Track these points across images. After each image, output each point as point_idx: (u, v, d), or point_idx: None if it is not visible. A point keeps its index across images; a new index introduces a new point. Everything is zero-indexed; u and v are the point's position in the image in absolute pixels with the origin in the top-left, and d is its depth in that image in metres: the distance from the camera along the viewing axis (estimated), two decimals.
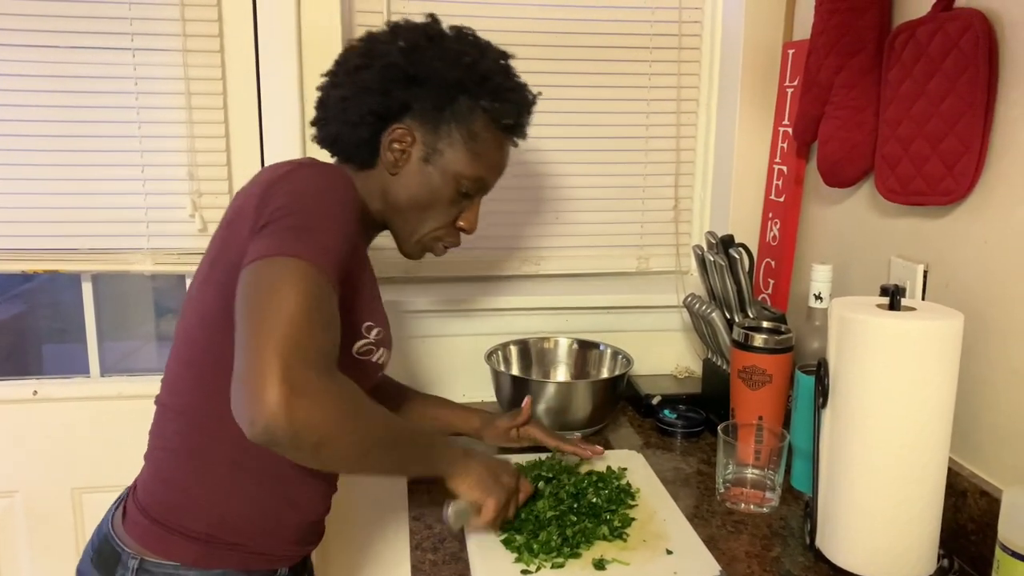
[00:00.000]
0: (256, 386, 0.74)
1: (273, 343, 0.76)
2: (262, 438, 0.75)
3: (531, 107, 1.12)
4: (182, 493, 0.97)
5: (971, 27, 1.00)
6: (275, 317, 0.78)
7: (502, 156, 1.11)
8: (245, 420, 0.75)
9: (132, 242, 1.51)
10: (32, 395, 1.56)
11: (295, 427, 0.75)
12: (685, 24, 1.62)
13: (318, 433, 0.77)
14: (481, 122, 1.05)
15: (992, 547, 0.86)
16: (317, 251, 0.84)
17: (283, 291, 0.80)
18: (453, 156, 1.04)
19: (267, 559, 1.02)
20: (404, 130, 1.03)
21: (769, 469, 1.13)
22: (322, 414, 0.77)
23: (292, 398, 0.74)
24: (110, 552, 0.98)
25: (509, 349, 1.53)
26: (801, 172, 1.49)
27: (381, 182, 1.06)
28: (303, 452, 0.79)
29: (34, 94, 1.44)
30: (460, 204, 1.09)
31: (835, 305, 0.96)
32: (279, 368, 0.75)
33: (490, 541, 1.00)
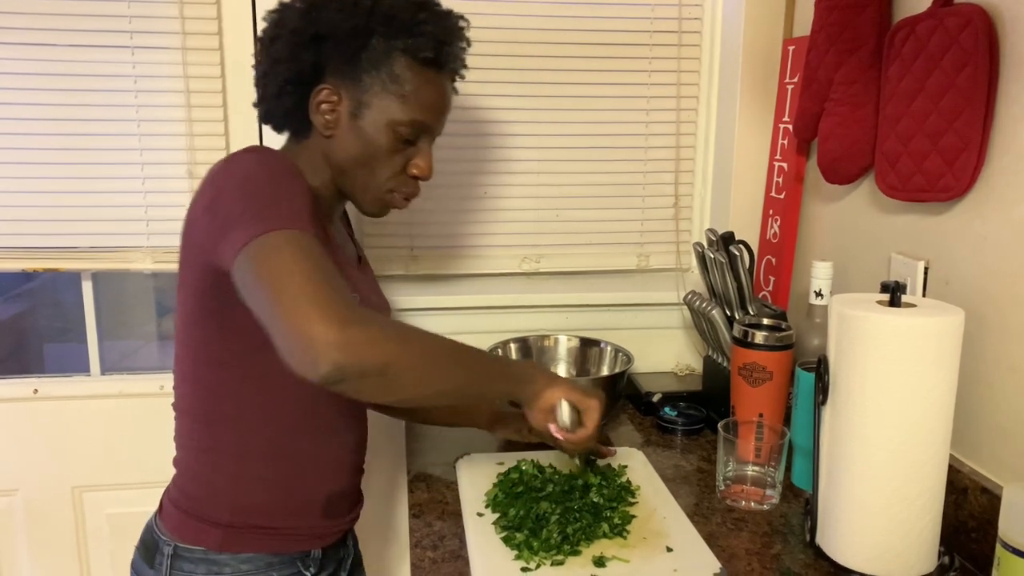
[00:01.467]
0: (305, 336, 0.74)
1: (300, 297, 0.76)
2: (333, 376, 0.75)
3: (455, 34, 1.05)
4: (204, 486, 1.02)
5: (971, 23, 1.00)
6: (289, 280, 0.78)
7: (436, 94, 1.05)
8: (308, 367, 0.75)
9: (132, 240, 1.51)
10: (33, 394, 1.56)
11: (358, 354, 0.75)
12: (685, 21, 1.62)
13: (382, 355, 0.77)
14: (401, 62, 1.01)
15: (992, 544, 0.86)
16: (291, 217, 0.84)
17: (282, 259, 0.80)
18: (381, 105, 1.01)
19: (296, 539, 1.04)
20: (327, 90, 1.01)
21: (769, 466, 1.13)
22: (379, 335, 0.77)
23: (343, 329, 0.74)
24: (151, 542, 1.04)
25: (509, 347, 1.53)
26: (801, 169, 1.48)
27: (321, 148, 1.05)
28: (371, 379, 0.78)
29: (34, 92, 1.44)
30: (405, 152, 1.05)
31: (835, 302, 0.96)
32: (318, 311, 0.75)
33: (490, 538, 1.00)
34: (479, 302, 1.60)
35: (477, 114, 1.59)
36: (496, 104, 1.60)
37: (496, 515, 1.05)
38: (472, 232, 1.65)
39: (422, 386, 0.85)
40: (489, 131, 1.60)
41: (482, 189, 1.62)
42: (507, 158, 1.62)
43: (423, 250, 1.65)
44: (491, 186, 1.63)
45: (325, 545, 1.08)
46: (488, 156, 1.61)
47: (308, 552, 1.05)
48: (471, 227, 1.65)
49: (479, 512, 1.07)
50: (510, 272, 1.69)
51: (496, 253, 1.68)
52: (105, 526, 1.63)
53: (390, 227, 1.60)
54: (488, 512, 1.07)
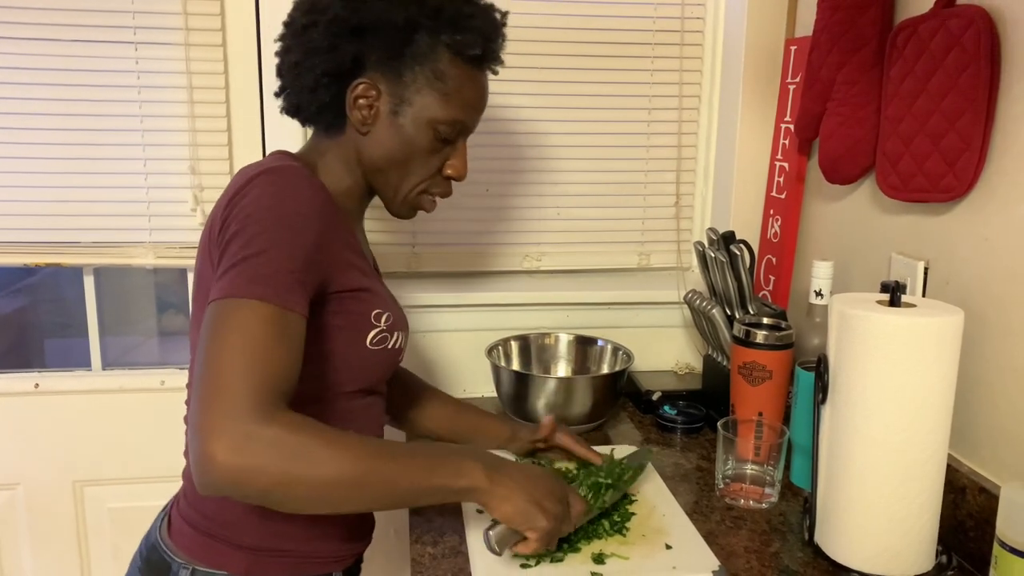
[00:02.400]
0: (196, 445, 0.74)
1: (210, 397, 0.75)
2: (209, 492, 0.75)
3: (498, 30, 1.02)
4: (222, 507, 0.96)
5: (973, 24, 1.00)
6: (216, 369, 0.76)
7: (477, 91, 1.02)
8: (194, 477, 0.75)
9: (134, 236, 1.51)
10: (34, 388, 1.56)
11: (235, 479, 0.73)
12: (687, 20, 1.62)
13: (260, 481, 0.74)
14: (446, 59, 0.97)
15: (990, 543, 0.86)
16: (264, 281, 0.80)
17: (220, 341, 0.78)
18: (423, 102, 0.97)
19: (318, 563, 1.01)
20: (366, 84, 0.97)
21: (768, 465, 1.13)
22: (261, 465, 0.74)
23: (227, 452, 0.73)
24: (159, 561, 0.98)
25: (510, 345, 1.53)
26: (802, 169, 1.49)
27: (355, 145, 1.00)
28: (253, 500, 0.77)
29: (36, 87, 1.44)
30: (442, 151, 1.02)
31: (835, 301, 0.96)
32: (213, 422, 0.74)
33: None
34: (480, 299, 1.60)
35: None
36: (498, 102, 1.60)
37: None
38: (474, 230, 1.65)
39: (315, 507, 0.81)
40: (491, 129, 1.60)
41: (484, 187, 1.62)
42: (510, 156, 1.63)
43: (425, 247, 1.65)
44: (493, 184, 1.63)
45: (344, 568, 1.05)
46: (490, 154, 1.61)
47: (330, 574, 1.02)
48: (473, 225, 1.65)
49: (479, 509, 1.07)
50: (511, 270, 1.69)
51: (497, 251, 1.68)
52: (106, 520, 1.63)
53: (392, 224, 1.61)
54: None
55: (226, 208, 0.87)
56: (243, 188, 0.88)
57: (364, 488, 0.80)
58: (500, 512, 0.88)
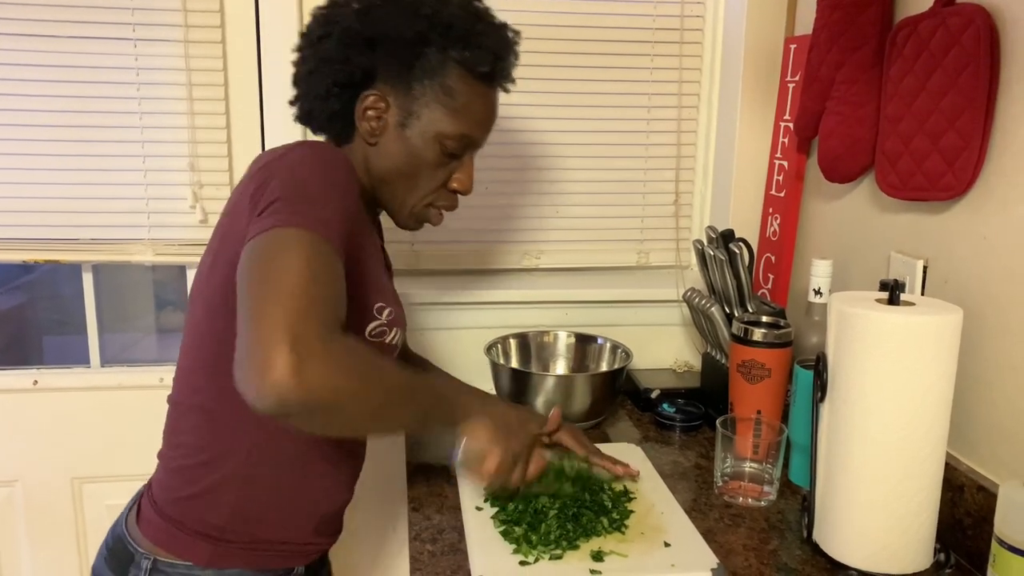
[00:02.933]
0: (262, 357, 0.71)
1: (275, 312, 0.73)
2: (274, 408, 0.71)
3: (509, 48, 1.04)
4: (198, 486, 0.96)
5: (973, 23, 1.00)
6: (275, 286, 0.75)
7: (486, 108, 1.04)
8: (252, 392, 0.72)
9: (133, 233, 1.51)
10: (32, 385, 1.56)
11: (308, 393, 0.71)
12: (687, 19, 1.62)
13: (333, 396, 0.74)
14: (455, 74, 0.99)
15: (989, 541, 0.86)
16: (319, 219, 0.81)
17: (282, 259, 0.77)
18: (431, 116, 0.99)
19: (283, 556, 1.01)
20: (376, 96, 0.99)
21: (767, 463, 1.13)
22: (335, 375, 0.73)
23: (301, 364, 0.70)
24: (123, 552, 0.98)
25: (508, 342, 1.53)
26: (802, 167, 1.49)
27: (363, 155, 1.02)
28: (317, 418, 0.76)
29: (35, 84, 1.44)
30: (449, 166, 1.04)
31: (834, 300, 0.96)
32: (284, 336, 0.71)
33: (489, 532, 1.01)
34: (479, 297, 1.60)
35: None
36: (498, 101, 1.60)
37: (495, 509, 1.06)
38: (473, 228, 1.65)
39: (370, 424, 0.85)
40: None
41: (483, 185, 1.62)
42: (509, 154, 1.63)
43: (424, 245, 1.65)
44: (492, 182, 1.63)
45: (308, 563, 1.05)
46: (490, 152, 1.60)
47: (292, 569, 1.02)
48: (472, 223, 1.65)
49: (478, 506, 1.07)
50: (511, 268, 1.69)
51: (497, 249, 1.68)
52: (104, 517, 1.63)
53: (392, 221, 1.60)
54: (487, 506, 1.07)
55: (265, 171, 0.88)
56: (284, 154, 0.90)
57: (408, 404, 0.86)
58: (471, 431, 0.95)
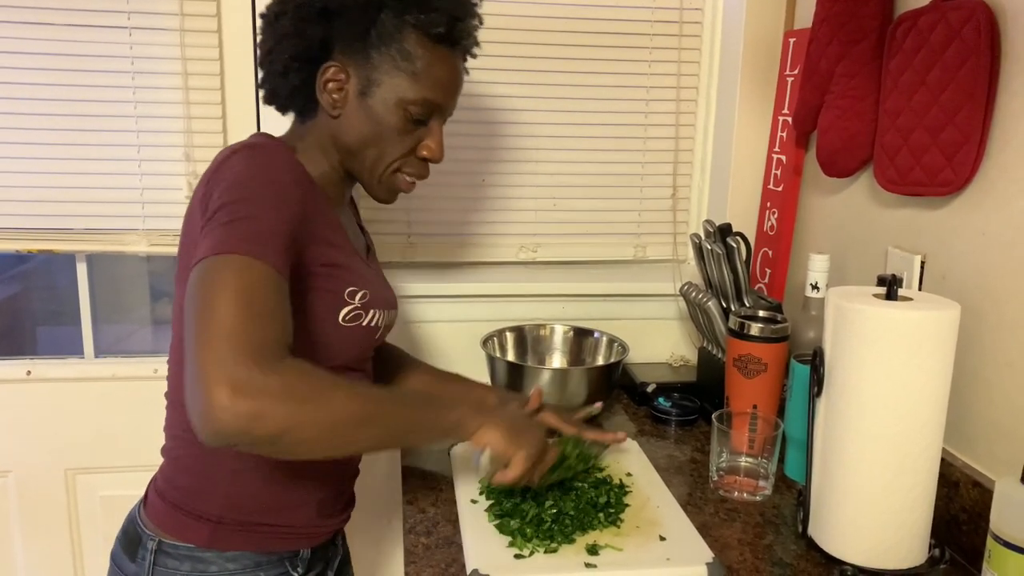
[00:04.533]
0: (200, 392, 0.73)
1: (210, 346, 0.74)
2: (216, 441, 0.74)
3: (468, 10, 1.02)
4: (192, 476, 0.98)
5: (973, 17, 1.00)
6: (211, 320, 0.76)
7: (448, 71, 1.01)
8: (197, 428, 0.74)
9: (127, 223, 1.51)
10: (26, 375, 1.55)
11: (244, 425, 0.73)
12: (686, 11, 1.61)
13: (269, 426, 0.74)
14: (412, 38, 0.97)
15: (984, 537, 0.86)
16: (253, 239, 0.81)
17: (217, 292, 0.77)
18: (391, 82, 0.97)
19: (286, 539, 1.01)
20: (335, 67, 0.97)
21: (763, 457, 1.13)
22: (269, 405, 0.74)
23: (233, 398, 0.72)
24: (134, 534, 1.01)
25: (505, 335, 1.53)
26: (800, 162, 1.48)
27: (328, 129, 1.01)
28: (262, 447, 0.77)
29: (30, 72, 1.43)
30: (415, 133, 1.02)
31: (831, 294, 0.96)
32: (218, 371, 0.73)
33: (484, 525, 1.00)
34: (476, 290, 1.59)
35: (477, 102, 1.58)
36: (496, 92, 1.59)
37: (490, 502, 1.06)
38: (470, 220, 1.65)
39: (322, 452, 0.82)
40: (488, 119, 1.60)
41: (480, 177, 1.61)
42: (506, 146, 1.62)
43: (420, 237, 1.65)
44: (489, 174, 1.62)
45: (314, 545, 1.04)
46: (487, 144, 1.60)
47: (297, 552, 1.02)
48: (469, 215, 1.64)
49: (473, 499, 1.07)
50: (507, 261, 1.68)
51: (494, 242, 1.67)
52: (98, 508, 1.63)
53: (387, 214, 1.60)
54: (482, 499, 1.07)
55: (208, 183, 0.89)
56: (224, 161, 0.90)
57: (368, 426, 0.84)
58: (487, 438, 0.94)
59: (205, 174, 0.92)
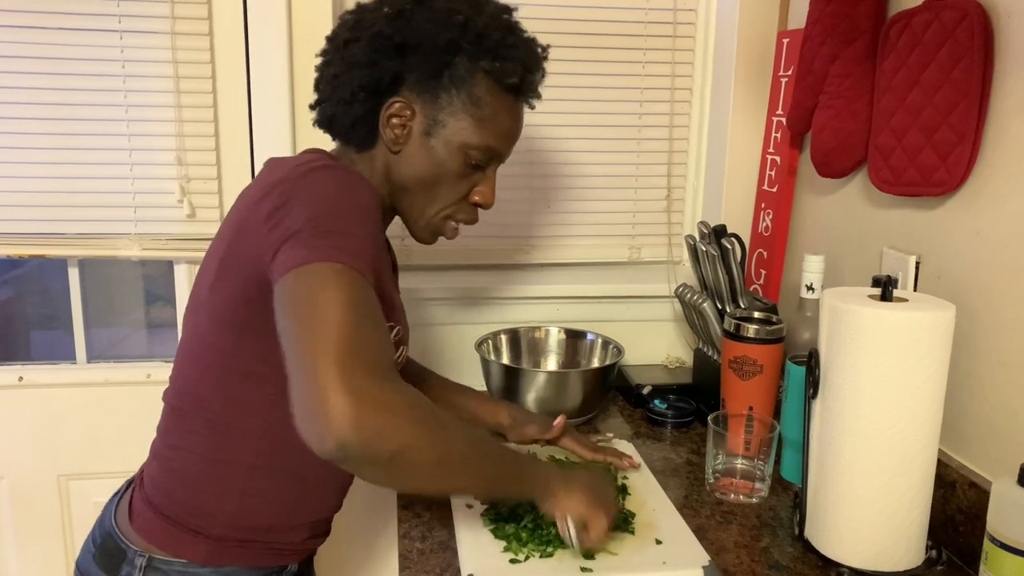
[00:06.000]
0: (318, 402, 0.68)
1: (328, 353, 0.70)
2: (335, 455, 0.69)
3: (539, 63, 1.03)
4: (198, 493, 0.95)
5: (967, 16, 0.99)
6: (324, 325, 0.72)
7: (512, 120, 1.02)
8: (314, 439, 0.69)
9: (119, 227, 1.50)
10: (18, 381, 1.54)
11: (367, 438, 0.69)
12: (680, 12, 1.61)
13: (393, 443, 0.71)
14: (483, 85, 0.97)
15: (980, 538, 0.86)
16: (356, 256, 0.79)
17: (328, 297, 0.74)
18: (457, 125, 0.97)
19: (278, 555, 1.01)
20: (402, 103, 0.97)
21: (759, 459, 1.13)
22: (395, 422, 0.71)
23: (359, 408, 0.68)
24: (114, 549, 0.96)
25: (499, 338, 1.52)
26: (794, 162, 1.48)
27: (384, 162, 1.00)
28: (378, 466, 0.73)
29: (20, 76, 1.42)
30: (471, 178, 1.02)
31: (827, 295, 0.95)
32: (339, 378, 0.68)
33: (479, 530, 1.00)
34: (470, 292, 1.59)
35: None
36: None
37: (485, 506, 1.05)
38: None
39: (425, 483, 0.81)
40: None
41: None
42: None
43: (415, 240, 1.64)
44: None
45: (301, 560, 1.05)
46: None
47: (286, 566, 1.02)
48: None
49: (468, 503, 1.06)
50: (502, 263, 1.68)
51: (488, 244, 1.67)
52: (91, 514, 1.59)
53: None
54: (477, 504, 1.06)
55: (282, 194, 0.84)
56: (307, 175, 0.86)
57: (470, 468, 0.82)
58: (568, 504, 0.91)
59: (269, 181, 0.87)
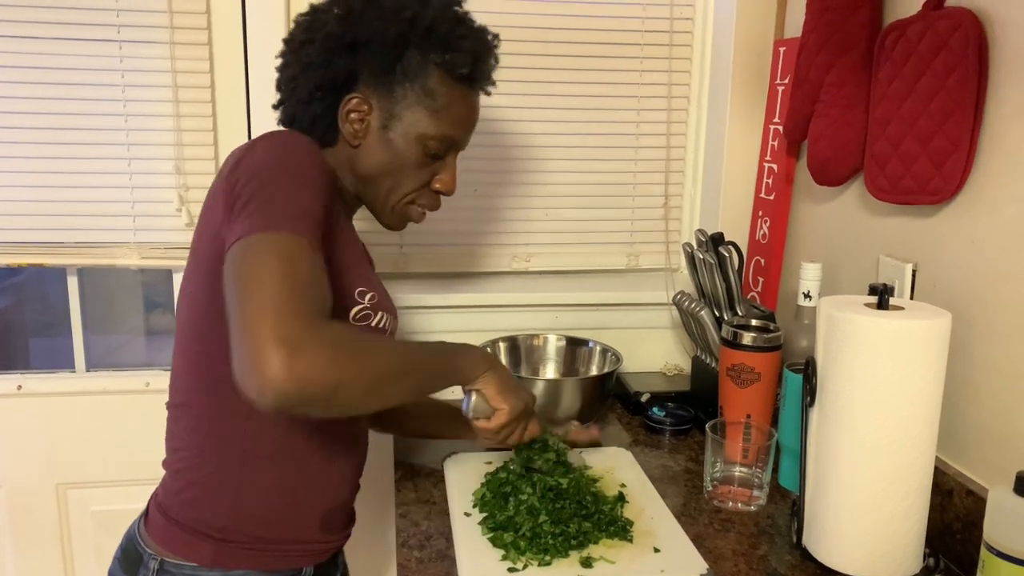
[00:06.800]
0: (254, 357, 0.73)
1: (261, 313, 0.75)
2: (274, 404, 0.74)
3: (489, 51, 1.07)
4: (198, 487, 0.97)
5: (961, 26, 1.00)
6: (259, 290, 0.77)
7: (467, 109, 1.07)
8: (253, 393, 0.74)
9: (118, 236, 1.50)
10: (16, 390, 1.54)
11: (302, 385, 0.74)
12: (676, 21, 1.62)
13: (326, 383, 0.76)
14: (435, 76, 1.01)
15: (978, 546, 0.86)
16: (289, 218, 0.83)
17: (262, 265, 0.79)
18: (412, 117, 1.01)
19: (290, 556, 1.01)
20: (358, 99, 1.00)
21: (757, 467, 1.13)
22: (324, 363, 0.76)
23: (291, 358, 0.73)
24: (134, 554, 0.99)
25: (498, 346, 1.53)
26: (791, 170, 1.49)
27: (346, 156, 1.04)
28: (317, 406, 0.78)
29: (19, 86, 1.43)
30: (431, 166, 1.06)
31: (823, 304, 0.96)
32: (271, 334, 0.74)
33: (477, 539, 1.00)
34: (468, 300, 1.59)
35: None
36: (487, 102, 1.58)
37: (484, 515, 1.05)
38: (462, 230, 1.64)
39: (368, 406, 0.85)
40: (480, 129, 1.58)
41: (472, 187, 1.61)
42: (498, 156, 1.62)
43: (413, 248, 1.64)
44: (482, 184, 1.62)
45: (317, 563, 1.05)
46: (479, 155, 1.60)
47: (300, 570, 1.02)
48: (461, 225, 1.64)
49: (466, 512, 1.07)
50: (500, 271, 1.68)
51: (486, 251, 1.67)
52: (90, 523, 1.61)
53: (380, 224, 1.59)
54: (476, 512, 1.06)
55: (231, 173, 0.89)
56: (249, 151, 0.90)
57: (405, 377, 0.88)
58: (484, 383, 0.99)
59: (225, 166, 0.92)
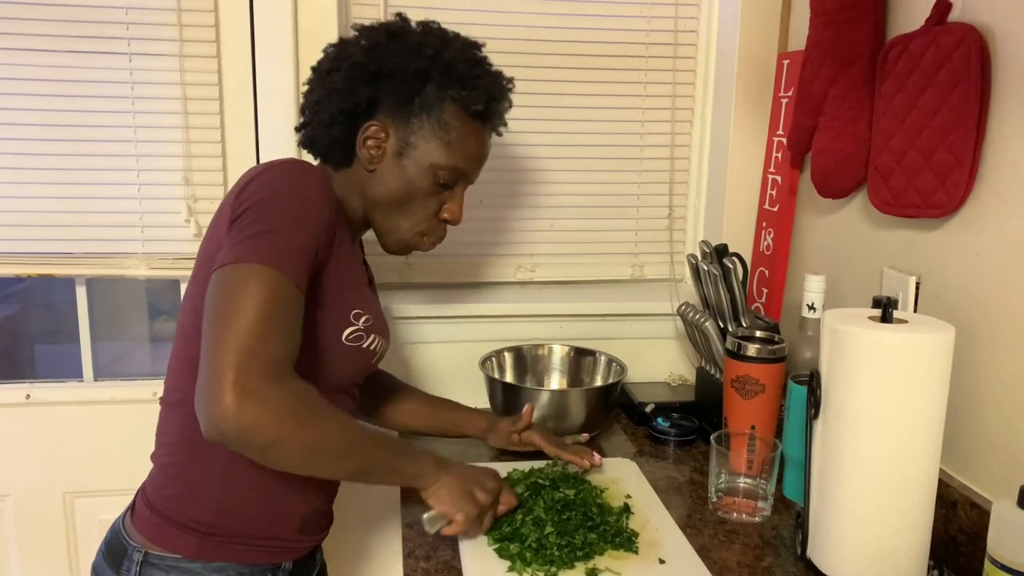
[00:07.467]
0: (212, 390, 0.80)
1: (230, 350, 0.81)
2: (214, 437, 0.81)
3: (503, 93, 1.13)
4: (183, 483, 1.00)
5: (964, 41, 1.01)
6: (234, 325, 0.82)
7: (478, 144, 1.12)
8: (201, 419, 0.81)
9: (127, 247, 1.51)
10: (25, 399, 1.55)
11: (243, 429, 0.80)
12: (681, 33, 1.63)
13: (265, 436, 0.81)
14: (451, 111, 1.07)
15: (982, 559, 0.86)
16: (280, 254, 0.87)
17: (243, 299, 0.84)
18: (426, 148, 1.06)
19: (269, 551, 1.04)
20: (377, 126, 1.06)
21: (761, 479, 1.13)
22: (270, 419, 0.81)
23: (243, 402, 0.79)
24: (118, 546, 1.03)
25: (503, 356, 1.53)
26: (795, 182, 1.49)
27: (360, 180, 1.09)
28: (251, 452, 0.83)
29: (30, 98, 1.44)
30: (440, 196, 1.11)
31: (827, 317, 0.96)
32: (233, 374, 0.80)
33: (484, 550, 1.00)
34: (474, 311, 1.60)
35: None
36: None
37: None
38: (467, 241, 1.65)
39: (298, 469, 0.89)
40: None
41: (478, 198, 1.62)
42: (503, 167, 1.63)
43: (418, 258, 1.65)
44: (487, 195, 1.63)
45: (296, 558, 1.08)
46: (484, 165, 1.61)
47: (279, 564, 1.05)
48: (466, 235, 1.65)
49: None
50: (505, 281, 1.69)
51: (491, 262, 1.68)
52: (96, 532, 1.61)
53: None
54: None
55: (241, 192, 0.94)
56: (258, 175, 0.95)
57: (344, 459, 0.91)
58: (435, 498, 1.00)
59: (238, 184, 0.96)
